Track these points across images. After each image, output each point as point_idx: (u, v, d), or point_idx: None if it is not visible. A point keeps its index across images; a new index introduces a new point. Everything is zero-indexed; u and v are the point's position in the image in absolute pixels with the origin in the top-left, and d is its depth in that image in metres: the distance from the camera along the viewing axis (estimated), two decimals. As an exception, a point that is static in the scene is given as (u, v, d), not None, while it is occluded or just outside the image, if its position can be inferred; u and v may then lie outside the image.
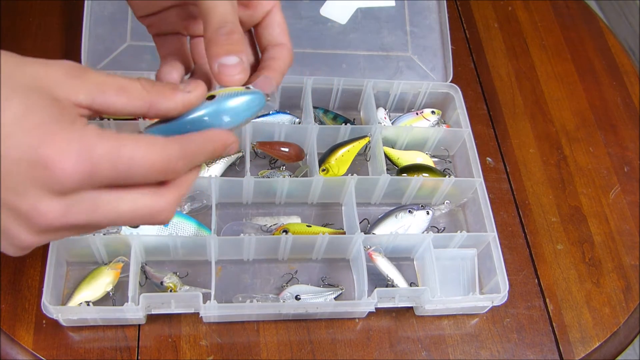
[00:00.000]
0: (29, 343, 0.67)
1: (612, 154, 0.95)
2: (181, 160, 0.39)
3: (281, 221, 0.79)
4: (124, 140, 0.37)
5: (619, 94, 1.02)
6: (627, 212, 0.89)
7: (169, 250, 0.72)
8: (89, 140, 0.35)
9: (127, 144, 0.37)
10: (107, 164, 0.36)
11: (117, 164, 0.36)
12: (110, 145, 0.36)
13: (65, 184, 0.35)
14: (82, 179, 0.35)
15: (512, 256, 0.82)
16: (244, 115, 0.43)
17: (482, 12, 1.08)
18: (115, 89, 0.38)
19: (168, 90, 0.40)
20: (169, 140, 0.39)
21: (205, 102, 0.42)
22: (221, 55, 0.42)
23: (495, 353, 0.74)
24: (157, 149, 0.38)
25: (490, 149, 0.92)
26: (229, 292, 0.73)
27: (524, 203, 0.88)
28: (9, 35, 0.88)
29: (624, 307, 0.81)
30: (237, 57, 0.42)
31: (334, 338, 0.72)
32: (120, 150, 0.36)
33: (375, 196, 0.82)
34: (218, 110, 0.42)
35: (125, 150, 0.36)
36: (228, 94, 0.42)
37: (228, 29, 0.43)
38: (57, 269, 0.68)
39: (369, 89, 0.86)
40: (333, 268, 0.78)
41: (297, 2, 0.89)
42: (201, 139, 0.41)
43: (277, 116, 0.85)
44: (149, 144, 0.37)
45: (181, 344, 0.69)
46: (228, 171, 0.81)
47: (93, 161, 0.35)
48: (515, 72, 1.02)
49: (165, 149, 0.38)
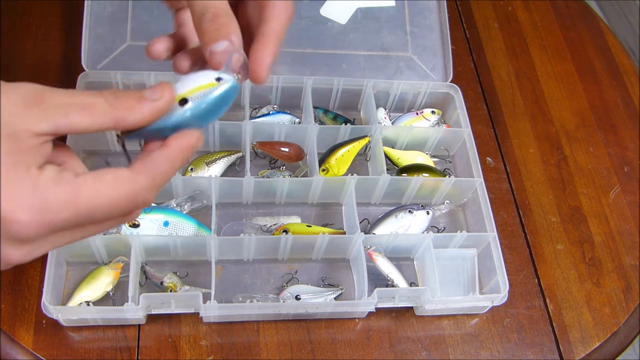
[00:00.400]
0: (29, 343, 0.67)
1: (612, 154, 0.95)
2: (150, 192, 0.39)
3: (281, 221, 0.79)
4: (82, 185, 0.36)
5: (619, 94, 1.02)
6: (627, 212, 0.89)
7: (169, 250, 0.72)
8: (43, 190, 0.34)
9: (86, 190, 0.36)
10: (67, 212, 0.35)
11: (78, 210, 0.35)
12: (67, 193, 0.35)
13: (24, 235, 0.35)
14: (40, 227, 0.35)
15: (512, 256, 0.82)
16: (221, 111, 0.42)
17: (482, 12, 1.08)
18: (78, 110, 0.37)
19: (133, 102, 0.39)
20: (136, 174, 0.38)
21: (179, 110, 0.40)
22: (210, 43, 0.41)
23: (495, 353, 0.74)
24: (123, 187, 0.37)
25: (490, 149, 0.92)
26: (229, 292, 0.73)
27: (524, 203, 0.88)
28: (9, 35, 0.88)
29: (624, 307, 0.81)
30: (225, 41, 0.41)
31: (334, 338, 0.72)
32: (79, 197, 0.35)
33: (375, 196, 0.82)
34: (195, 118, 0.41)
35: (84, 196, 0.35)
36: (201, 94, 0.41)
37: (211, 14, 0.41)
38: (57, 269, 0.68)
39: (369, 89, 0.86)
40: (333, 268, 0.78)
41: (297, 2, 0.89)
42: (167, 157, 0.39)
43: (277, 116, 0.85)
44: (113, 183, 0.37)
45: (181, 344, 0.69)
46: (228, 171, 0.81)
47: (49, 212, 0.34)
48: (515, 72, 1.02)
49: (131, 185, 0.37)
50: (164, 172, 0.39)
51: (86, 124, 0.37)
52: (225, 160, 0.80)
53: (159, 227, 0.73)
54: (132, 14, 0.83)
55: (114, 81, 0.80)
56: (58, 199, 0.35)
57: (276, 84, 0.84)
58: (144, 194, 0.38)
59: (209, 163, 0.79)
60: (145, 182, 0.38)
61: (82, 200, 0.35)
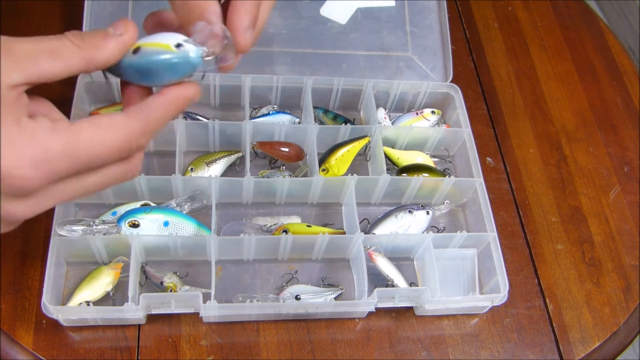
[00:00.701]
0: (29, 343, 0.67)
1: (612, 154, 0.95)
2: (144, 136, 0.39)
3: (281, 221, 0.79)
4: (79, 130, 0.35)
5: (619, 94, 1.02)
6: (627, 212, 0.89)
7: (169, 250, 0.72)
8: (41, 140, 0.34)
9: (84, 134, 0.35)
10: (67, 159, 0.35)
11: (78, 157, 0.35)
12: (65, 140, 0.35)
13: (27, 188, 0.34)
14: (43, 179, 0.34)
15: (512, 256, 0.82)
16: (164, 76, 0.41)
17: (482, 12, 1.08)
18: (47, 55, 0.36)
19: (99, 40, 0.38)
20: (129, 117, 0.38)
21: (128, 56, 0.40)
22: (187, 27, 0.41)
23: (495, 353, 0.74)
24: (117, 131, 0.37)
25: (490, 149, 0.92)
26: (229, 292, 0.73)
27: (524, 203, 0.88)
28: (9, 35, 0.88)
29: (624, 307, 0.81)
30: (201, 22, 0.41)
31: (334, 338, 0.72)
32: (78, 142, 0.35)
33: (375, 196, 0.82)
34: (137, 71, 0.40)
35: (83, 141, 0.35)
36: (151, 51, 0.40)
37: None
38: (57, 269, 0.68)
39: (369, 89, 0.86)
40: (333, 268, 0.78)
41: (297, 2, 0.89)
42: (163, 105, 0.40)
43: (277, 116, 0.85)
44: (109, 128, 0.37)
45: (181, 344, 0.69)
46: (228, 171, 0.81)
47: (50, 162, 0.34)
48: (515, 72, 1.02)
49: (126, 129, 0.37)
50: (157, 118, 0.39)
51: (57, 69, 0.37)
52: (225, 160, 0.80)
53: (159, 227, 0.73)
54: (132, 14, 0.83)
55: (114, 81, 0.79)
56: (57, 147, 0.34)
57: (276, 84, 0.84)
58: (137, 138, 0.38)
59: (209, 163, 0.79)
60: (138, 125, 0.38)
61: (81, 146, 0.35)
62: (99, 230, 0.71)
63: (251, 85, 0.83)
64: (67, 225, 0.70)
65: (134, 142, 0.38)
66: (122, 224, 0.71)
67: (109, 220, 0.73)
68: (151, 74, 0.40)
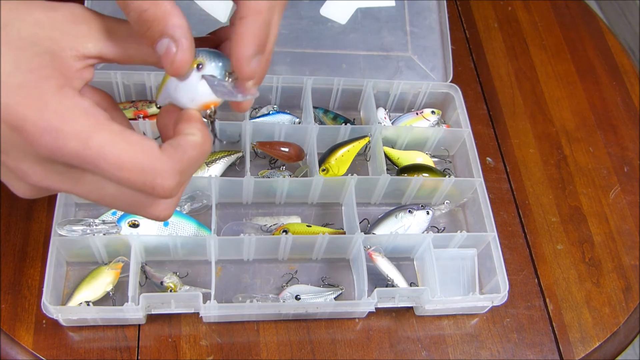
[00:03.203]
0: (29, 343, 0.67)
1: (612, 154, 0.95)
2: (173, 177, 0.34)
3: (281, 221, 0.79)
4: (103, 127, 0.33)
5: (619, 94, 1.02)
6: (627, 212, 0.89)
7: (169, 250, 0.72)
8: (65, 112, 0.33)
9: (102, 133, 0.33)
10: (75, 144, 0.32)
11: (85, 150, 0.33)
12: (85, 126, 0.33)
13: (36, 150, 0.33)
14: (50, 149, 0.33)
15: (512, 256, 0.82)
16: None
17: (482, 12, 1.08)
18: (125, 35, 0.35)
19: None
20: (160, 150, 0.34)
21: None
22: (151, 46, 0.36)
23: (495, 353, 0.74)
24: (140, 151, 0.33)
25: (490, 149, 0.92)
26: (229, 292, 0.73)
27: (524, 203, 0.88)
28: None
29: (624, 307, 0.81)
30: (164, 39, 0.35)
31: (334, 338, 0.72)
32: (92, 136, 0.33)
33: (375, 196, 0.82)
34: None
35: (97, 138, 0.33)
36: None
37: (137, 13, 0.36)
38: (57, 269, 0.68)
39: (369, 89, 0.86)
40: (333, 268, 0.78)
41: (297, 2, 0.89)
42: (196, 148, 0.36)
43: (277, 116, 0.85)
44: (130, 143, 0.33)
45: (181, 344, 0.69)
46: (228, 171, 0.81)
47: (61, 136, 0.32)
48: (515, 72, 1.02)
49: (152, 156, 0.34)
50: (191, 162, 0.36)
51: (133, 51, 0.36)
52: (225, 160, 0.80)
53: (159, 227, 0.73)
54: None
55: (114, 81, 0.80)
56: (74, 126, 0.32)
57: (276, 84, 0.84)
58: (164, 176, 0.34)
59: (209, 163, 0.79)
60: (169, 163, 0.34)
61: (95, 140, 0.33)
62: (99, 230, 0.71)
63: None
64: (67, 225, 0.70)
65: (158, 181, 0.34)
66: (122, 224, 0.71)
67: (109, 220, 0.73)
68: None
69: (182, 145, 0.36)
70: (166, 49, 0.35)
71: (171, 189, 0.35)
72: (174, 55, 0.35)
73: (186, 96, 0.38)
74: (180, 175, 0.35)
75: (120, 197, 0.36)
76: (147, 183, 0.34)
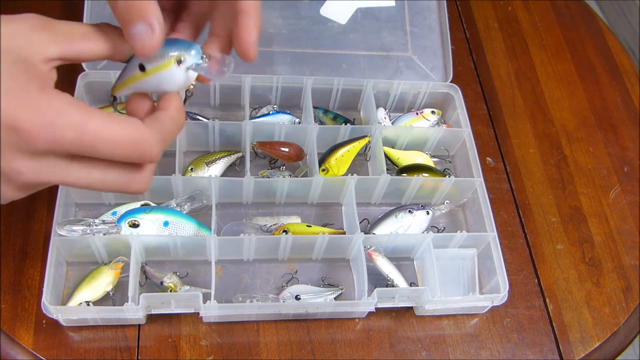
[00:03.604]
0: (29, 343, 0.67)
1: (612, 154, 0.95)
2: (158, 144, 0.41)
3: (281, 221, 0.79)
4: (93, 114, 0.38)
5: (619, 94, 1.02)
6: (627, 212, 0.89)
7: (169, 250, 0.72)
8: (57, 108, 0.36)
9: (95, 119, 0.38)
10: (72, 133, 0.37)
11: (82, 136, 0.37)
12: (78, 116, 0.37)
13: (34, 146, 0.36)
14: (49, 142, 0.36)
15: (512, 256, 0.82)
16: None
17: (482, 12, 1.08)
18: (81, 37, 0.40)
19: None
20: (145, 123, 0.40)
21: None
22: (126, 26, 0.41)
23: (495, 353, 0.74)
24: (129, 129, 0.39)
25: (490, 149, 0.92)
26: (229, 292, 0.73)
27: (524, 203, 0.88)
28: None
29: (624, 307, 0.81)
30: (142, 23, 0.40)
31: (334, 338, 0.72)
32: (87, 123, 0.37)
33: (375, 196, 0.82)
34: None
35: (92, 124, 0.37)
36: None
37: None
38: (57, 269, 0.68)
39: (369, 89, 0.86)
40: (333, 268, 0.78)
41: (297, 2, 0.89)
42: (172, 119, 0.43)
43: (277, 116, 0.85)
44: (123, 123, 0.39)
45: (181, 344, 0.69)
46: (228, 171, 0.81)
47: (58, 127, 0.36)
48: (515, 72, 1.02)
49: (138, 130, 0.39)
50: (169, 130, 0.42)
51: (88, 50, 0.40)
52: (225, 160, 0.80)
53: (159, 227, 0.73)
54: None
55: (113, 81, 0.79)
56: (69, 118, 0.37)
57: (276, 84, 0.84)
58: (152, 144, 0.40)
59: (209, 163, 0.79)
60: (152, 133, 0.40)
61: (90, 126, 0.37)
62: (99, 230, 0.71)
63: (251, 85, 0.83)
64: (67, 225, 0.70)
65: (147, 148, 0.40)
66: (122, 224, 0.71)
67: (109, 220, 0.73)
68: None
69: (162, 119, 0.42)
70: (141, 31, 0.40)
71: (157, 154, 0.41)
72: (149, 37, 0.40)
73: (171, 86, 0.44)
74: (163, 143, 0.42)
75: (106, 179, 0.41)
76: (138, 152, 0.40)
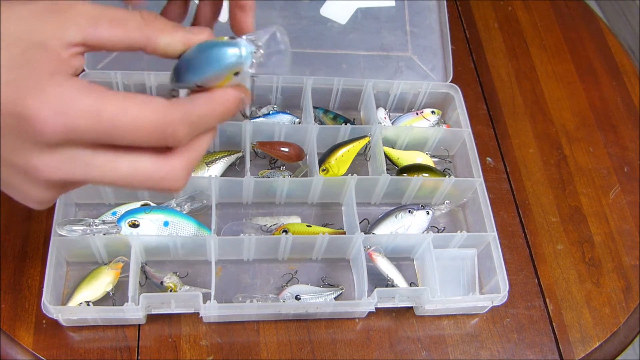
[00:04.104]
0: (29, 343, 0.67)
1: (612, 154, 0.95)
2: (183, 126, 0.36)
3: (281, 221, 0.79)
4: (109, 98, 0.34)
5: (619, 94, 1.02)
6: (627, 212, 0.89)
7: (169, 250, 0.72)
8: (67, 94, 0.33)
9: (112, 103, 0.34)
10: (87, 120, 0.33)
11: (101, 120, 0.34)
12: (91, 102, 0.34)
13: (47, 137, 0.33)
14: (62, 133, 0.33)
15: (512, 256, 0.82)
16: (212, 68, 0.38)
17: (482, 12, 1.08)
18: (108, 21, 0.35)
19: (169, 27, 0.38)
20: (169, 103, 0.36)
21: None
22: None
23: (495, 353, 0.74)
24: (149, 109, 0.35)
25: (490, 149, 0.92)
26: (229, 292, 0.73)
27: (524, 203, 0.88)
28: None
29: (624, 307, 0.81)
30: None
31: (334, 338, 0.72)
32: (102, 108, 0.34)
33: (375, 196, 0.82)
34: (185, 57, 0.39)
35: (108, 109, 0.34)
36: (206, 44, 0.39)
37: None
38: (57, 269, 0.68)
39: (369, 89, 0.86)
40: (333, 268, 0.78)
41: (297, 2, 0.89)
42: (208, 101, 0.38)
43: (277, 116, 0.85)
44: (143, 103, 0.35)
45: (181, 344, 0.69)
46: (228, 171, 0.81)
47: (70, 116, 0.33)
48: (515, 72, 1.02)
49: (160, 110, 0.35)
50: (201, 114, 0.37)
51: (117, 37, 0.36)
52: (225, 160, 0.80)
53: (159, 227, 0.73)
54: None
55: (114, 81, 0.80)
56: (81, 104, 0.33)
57: (276, 84, 0.84)
58: (175, 125, 0.36)
59: (209, 163, 0.79)
60: (176, 113, 0.36)
61: (108, 109, 0.34)
62: (99, 230, 0.71)
63: (251, 85, 0.83)
64: (67, 225, 0.70)
65: (169, 128, 0.35)
66: (122, 224, 0.71)
67: (109, 220, 0.73)
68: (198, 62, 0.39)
69: (193, 98, 0.37)
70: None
71: (182, 137, 0.36)
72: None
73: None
74: (190, 125, 0.36)
75: (134, 174, 0.36)
76: (161, 135, 0.35)
